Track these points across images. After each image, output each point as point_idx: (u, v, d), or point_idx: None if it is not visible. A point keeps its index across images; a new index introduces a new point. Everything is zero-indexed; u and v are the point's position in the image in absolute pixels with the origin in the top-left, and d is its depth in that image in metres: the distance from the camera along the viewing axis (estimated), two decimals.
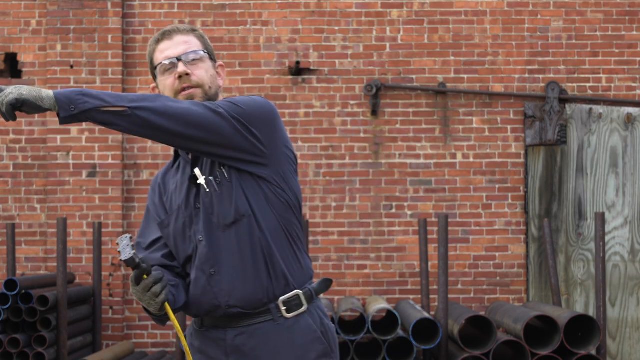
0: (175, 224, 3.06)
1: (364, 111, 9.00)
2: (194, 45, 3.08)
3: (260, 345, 2.99)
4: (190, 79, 3.04)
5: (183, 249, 3.05)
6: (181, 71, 3.03)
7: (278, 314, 3.00)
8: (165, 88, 3.07)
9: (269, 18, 9.02)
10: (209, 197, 3.00)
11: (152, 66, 3.11)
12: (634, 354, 8.90)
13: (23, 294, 7.44)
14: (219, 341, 3.03)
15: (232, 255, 2.98)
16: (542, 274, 8.85)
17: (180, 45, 3.07)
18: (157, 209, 3.14)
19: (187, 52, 3.06)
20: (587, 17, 9.03)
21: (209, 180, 3.00)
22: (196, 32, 3.12)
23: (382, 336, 7.32)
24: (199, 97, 3.04)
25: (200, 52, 3.08)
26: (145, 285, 2.87)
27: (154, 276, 2.88)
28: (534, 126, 8.95)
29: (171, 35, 3.08)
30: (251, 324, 3.00)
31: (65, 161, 8.82)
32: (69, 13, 8.92)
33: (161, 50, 3.08)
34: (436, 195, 8.94)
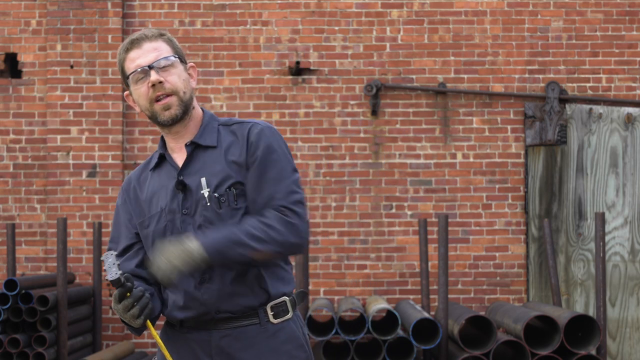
0: (156, 226, 3.06)
1: (364, 111, 9.00)
2: (164, 52, 3.05)
3: (246, 347, 3.00)
4: (164, 86, 3.02)
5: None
6: (154, 80, 3.01)
7: (265, 319, 3.02)
8: (140, 97, 3.05)
9: (269, 18, 9.02)
10: (209, 212, 3.00)
11: (123, 75, 3.09)
12: (634, 354, 8.90)
13: (23, 294, 7.44)
14: (202, 342, 3.02)
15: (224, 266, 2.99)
16: (542, 274, 8.85)
17: (150, 52, 3.04)
18: (133, 210, 3.13)
19: (158, 59, 3.03)
20: (587, 17, 9.03)
21: (213, 196, 3.01)
22: (164, 36, 3.09)
23: (382, 336, 7.32)
24: (175, 106, 3.03)
25: (171, 58, 3.06)
26: (125, 305, 2.89)
27: (134, 296, 2.89)
28: (534, 126, 8.95)
29: (140, 43, 3.05)
30: (237, 326, 3.01)
31: (65, 161, 8.82)
32: (69, 13, 8.92)
33: (131, 59, 3.05)
34: (436, 195, 8.94)
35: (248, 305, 3.00)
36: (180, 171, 3.05)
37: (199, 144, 3.07)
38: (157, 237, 3.04)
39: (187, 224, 3.01)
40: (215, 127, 3.10)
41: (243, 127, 3.08)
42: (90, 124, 8.86)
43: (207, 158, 3.06)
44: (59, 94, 8.87)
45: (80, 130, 8.85)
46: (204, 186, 3.01)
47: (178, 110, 3.04)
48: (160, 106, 3.03)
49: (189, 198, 3.03)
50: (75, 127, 8.85)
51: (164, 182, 3.08)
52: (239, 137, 3.06)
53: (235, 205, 3.00)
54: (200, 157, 3.06)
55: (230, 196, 3.00)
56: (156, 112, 3.03)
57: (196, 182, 3.03)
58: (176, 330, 3.07)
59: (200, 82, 8.97)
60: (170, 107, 3.03)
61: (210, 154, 3.06)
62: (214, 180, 3.02)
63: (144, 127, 8.94)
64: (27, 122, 8.93)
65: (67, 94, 8.88)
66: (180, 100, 3.04)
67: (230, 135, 3.08)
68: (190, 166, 3.06)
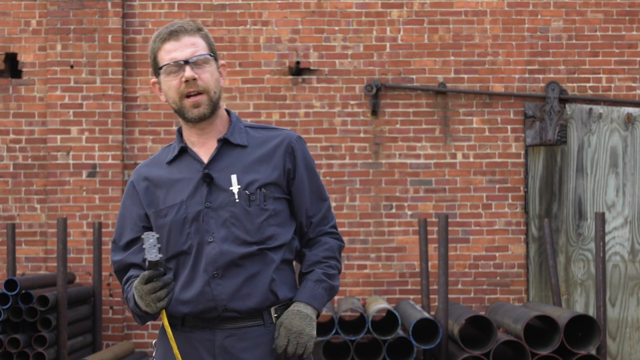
0: (175, 217, 3.05)
1: (364, 111, 9.00)
2: (200, 48, 3.05)
3: (249, 348, 3.01)
4: (197, 83, 3.02)
5: (176, 243, 3.04)
6: (188, 76, 3.01)
7: (269, 320, 3.04)
8: (170, 89, 3.05)
9: (269, 18, 9.02)
10: (237, 209, 3.02)
11: (155, 64, 3.09)
12: (634, 354, 8.90)
13: (23, 294, 7.44)
14: (205, 342, 3.02)
15: (239, 264, 3.01)
16: (542, 274, 8.85)
17: (187, 47, 3.04)
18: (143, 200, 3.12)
19: (195, 55, 3.03)
20: (587, 17, 9.03)
21: (243, 193, 3.03)
22: (202, 31, 3.09)
23: (382, 336, 7.32)
24: (205, 105, 3.04)
25: (207, 56, 3.06)
26: (153, 287, 2.89)
27: (163, 280, 2.90)
28: (534, 126, 8.95)
29: (178, 35, 3.04)
30: (241, 326, 3.02)
31: (65, 161, 8.82)
32: (69, 13, 8.92)
33: (167, 51, 3.04)
34: (436, 195, 8.94)
35: (255, 307, 3.01)
36: (207, 165, 3.06)
37: (230, 141, 3.08)
38: (175, 227, 3.04)
39: (210, 218, 3.02)
40: (242, 128, 3.13)
41: (278, 134, 3.14)
42: (90, 124, 8.86)
43: (237, 156, 3.08)
44: (59, 94, 8.87)
45: (80, 130, 8.85)
46: (234, 183, 3.03)
47: (207, 109, 3.05)
48: (190, 103, 3.03)
49: (214, 192, 3.04)
50: (75, 127, 8.84)
51: (185, 174, 3.08)
52: (273, 143, 3.11)
53: (264, 206, 3.03)
54: (229, 155, 3.08)
55: (260, 196, 3.03)
56: (185, 107, 3.05)
57: (224, 178, 3.04)
58: (178, 330, 3.06)
59: None
60: (200, 105, 3.03)
61: (240, 153, 3.08)
62: (245, 178, 3.04)
63: (144, 127, 8.94)
64: (27, 122, 8.93)
65: (67, 94, 8.88)
66: (210, 99, 3.05)
67: (260, 139, 3.12)
68: (218, 162, 3.07)
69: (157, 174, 3.13)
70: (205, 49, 3.06)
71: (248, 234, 3.01)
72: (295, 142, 3.12)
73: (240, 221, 3.01)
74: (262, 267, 3.02)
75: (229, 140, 3.08)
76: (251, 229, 3.02)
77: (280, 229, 3.06)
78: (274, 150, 3.09)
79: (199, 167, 3.07)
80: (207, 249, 3.01)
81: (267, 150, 3.09)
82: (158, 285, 2.89)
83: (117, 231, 3.17)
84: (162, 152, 3.19)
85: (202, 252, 3.01)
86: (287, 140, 3.12)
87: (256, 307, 3.01)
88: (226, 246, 3.00)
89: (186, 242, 3.03)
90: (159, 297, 2.90)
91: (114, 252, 3.17)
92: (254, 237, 3.02)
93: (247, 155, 3.08)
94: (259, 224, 3.02)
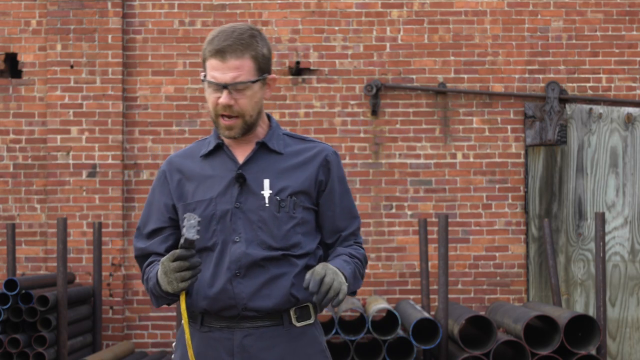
0: (203, 212, 3.04)
1: (364, 111, 9.00)
2: (244, 73, 2.98)
3: (268, 348, 3.01)
4: (232, 108, 3.00)
5: (201, 239, 3.03)
6: (224, 102, 2.98)
7: (288, 321, 3.04)
8: (208, 100, 3.03)
9: (269, 18, 9.02)
10: (266, 213, 3.02)
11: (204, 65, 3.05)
12: (634, 354, 8.90)
13: (23, 294, 7.44)
14: (224, 341, 3.02)
15: (262, 266, 3.01)
16: (542, 274, 8.85)
17: (230, 70, 2.97)
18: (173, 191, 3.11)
19: (235, 81, 2.97)
20: (587, 17, 9.03)
21: (274, 198, 3.04)
22: (252, 51, 2.98)
23: (382, 336, 7.32)
24: (237, 128, 3.02)
25: (249, 82, 2.99)
26: (180, 266, 2.88)
27: (192, 262, 2.89)
28: (534, 126, 8.95)
29: (224, 56, 2.96)
30: (260, 326, 3.02)
31: (65, 161, 8.82)
32: (69, 13, 8.92)
33: (212, 66, 2.99)
34: (436, 195, 8.94)
35: (275, 308, 3.01)
36: (241, 166, 3.06)
37: (267, 145, 3.08)
38: (202, 223, 3.03)
39: (238, 218, 3.02)
40: (281, 135, 3.13)
41: (315, 146, 3.14)
42: (90, 124, 8.86)
43: (272, 161, 3.08)
44: (59, 94, 8.87)
45: (80, 130, 8.85)
46: (266, 187, 3.03)
47: (239, 133, 3.03)
48: (224, 124, 3.02)
49: (245, 194, 3.04)
50: (75, 127, 8.84)
51: (217, 171, 3.08)
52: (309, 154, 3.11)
53: (293, 214, 3.04)
54: (265, 159, 3.08)
55: (290, 203, 3.04)
56: (218, 124, 3.04)
57: (257, 181, 3.04)
58: (197, 330, 3.06)
59: (200, 82, 8.97)
60: (232, 128, 3.02)
61: (275, 159, 3.08)
62: (277, 184, 3.04)
63: (144, 127, 8.94)
64: (27, 122, 8.93)
65: (67, 94, 8.88)
66: (244, 123, 3.03)
67: (297, 148, 3.12)
68: (253, 164, 3.07)
69: (190, 167, 3.12)
70: (250, 72, 2.99)
71: (274, 239, 3.02)
72: (331, 155, 3.12)
73: (268, 226, 3.02)
74: (284, 270, 3.02)
75: (267, 144, 3.08)
76: (277, 234, 3.02)
77: (305, 238, 3.07)
78: (309, 161, 3.10)
79: (232, 167, 3.07)
80: (232, 248, 3.01)
81: (302, 160, 3.10)
82: (185, 265, 2.88)
83: (142, 218, 3.17)
84: (196, 144, 3.18)
85: (227, 250, 3.02)
86: (323, 153, 3.11)
87: (276, 308, 3.01)
88: (251, 248, 3.01)
89: (211, 239, 3.03)
90: (183, 277, 2.89)
91: (137, 238, 3.16)
92: (279, 243, 3.02)
93: (282, 162, 3.08)
94: (286, 231, 3.03)
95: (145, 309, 8.90)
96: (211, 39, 3.00)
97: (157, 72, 8.98)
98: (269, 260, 3.01)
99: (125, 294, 8.89)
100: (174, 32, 8.99)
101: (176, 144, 8.92)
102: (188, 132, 8.93)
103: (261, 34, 3.04)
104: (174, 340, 8.76)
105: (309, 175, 3.08)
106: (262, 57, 3.01)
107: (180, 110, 8.96)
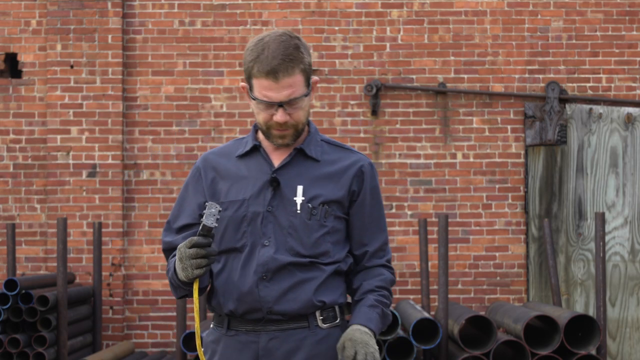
0: (235, 213, 3.04)
1: (364, 111, 9.00)
2: (298, 89, 2.98)
3: (293, 350, 3.01)
4: (287, 123, 3.01)
5: (230, 239, 3.04)
6: (280, 120, 2.99)
7: (314, 323, 3.03)
8: (259, 114, 3.02)
9: (269, 18, 9.02)
10: (297, 220, 3.02)
11: (248, 77, 3.02)
12: (634, 354, 8.90)
13: (23, 294, 7.44)
14: (250, 344, 3.02)
15: (290, 270, 3.01)
16: (542, 274, 8.85)
17: (284, 89, 2.97)
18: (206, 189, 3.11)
19: (290, 98, 2.98)
20: (587, 17, 9.03)
21: (306, 205, 3.03)
22: (300, 64, 2.98)
23: (382, 336, 7.32)
24: (290, 137, 3.04)
25: (303, 97, 3.01)
26: (196, 252, 2.89)
27: (208, 251, 2.90)
28: (534, 126, 8.95)
29: (277, 76, 2.95)
30: (286, 328, 3.01)
31: (65, 161, 8.82)
32: (69, 13, 8.92)
33: (264, 86, 2.97)
34: (436, 195, 8.94)
35: (300, 312, 3.01)
36: (277, 170, 3.06)
37: (304, 152, 3.08)
38: (232, 223, 3.04)
39: (269, 222, 3.02)
40: (319, 141, 3.13)
41: (351, 155, 3.13)
42: (90, 124, 8.86)
43: (307, 168, 3.08)
44: (59, 94, 8.87)
45: (80, 130, 8.85)
46: (299, 194, 3.03)
47: (291, 140, 3.05)
48: (277, 134, 3.03)
49: (277, 198, 3.04)
50: (75, 127, 8.84)
51: (252, 173, 3.08)
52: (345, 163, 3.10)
53: (324, 222, 3.04)
54: (300, 165, 3.08)
55: (321, 212, 3.03)
56: (270, 134, 3.04)
57: (291, 186, 3.04)
58: (224, 335, 3.06)
59: (200, 82, 8.97)
60: (285, 137, 3.04)
61: (311, 165, 3.08)
62: (310, 191, 3.04)
63: (144, 127, 8.94)
64: (27, 122, 8.93)
65: (67, 94, 8.88)
66: (296, 131, 3.05)
67: (333, 156, 3.11)
68: (288, 169, 3.07)
69: (225, 166, 3.12)
70: (301, 86, 3.00)
71: (303, 246, 3.02)
72: (367, 167, 3.11)
73: (298, 232, 3.02)
74: (312, 275, 3.02)
75: (304, 150, 3.08)
76: (307, 242, 3.02)
77: (335, 246, 3.06)
78: (344, 170, 3.09)
79: (267, 170, 3.07)
80: (260, 251, 3.01)
81: (337, 169, 3.09)
82: (201, 253, 2.88)
83: (173, 212, 3.17)
84: (233, 143, 3.17)
85: (255, 253, 3.02)
86: (359, 163, 3.11)
87: (301, 312, 3.01)
88: (279, 254, 3.00)
89: (240, 240, 3.04)
90: (199, 264, 2.89)
91: (166, 232, 3.16)
92: (308, 250, 3.02)
93: (317, 169, 3.08)
94: (316, 239, 3.02)
95: (145, 309, 8.90)
96: (257, 56, 2.98)
97: (157, 72, 8.98)
98: (296, 265, 3.00)
99: (125, 294, 8.89)
100: (174, 32, 8.99)
101: (176, 143, 8.92)
102: (188, 132, 8.93)
103: (301, 40, 3.03)
104: (174, 340, 8.75)
105: (342, 184, 3.07)
106: (308, 66, 3.02)
107: (180, 110, 8.96)
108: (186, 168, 8.90)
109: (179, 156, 8.93)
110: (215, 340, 3.09)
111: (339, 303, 3.08)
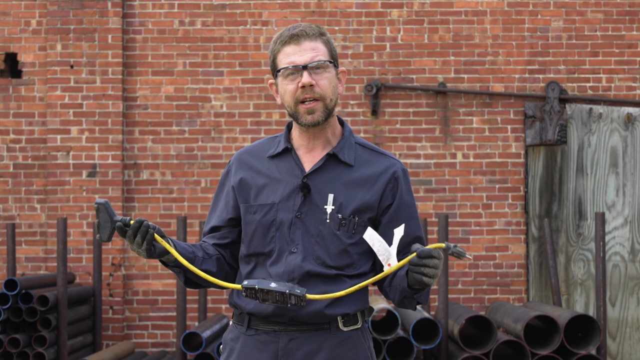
0: (263, 217, 3.02)
1: (364, 111, 9.00)
2: (321, 53, 3.02)
3: (313, 352, 2.99)
4: (314, 89, 2.99)
5: (258, 244, 3.03)
6: (306, 82, 2.97)
7: (334, 325, 3.01)
8: (286, 93, 3.02)
9: (269, 18, 9.02)
10: (326, 229, 2.99)
11: (273, 65, 3.05)
12: (634, 354, 8.90)
13: (23, 294, 7.45)
14: (269, 344, 3.01)
15: (315, 280, 2.98)
16: (542, 274, 8.85)
17: (307, 52, 3.00)
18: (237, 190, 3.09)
19: (314, 60, 3.00)
20: (587, 17, 9.03)
21: (336, 215, 2.99)
22: (324, 36, 3.05)
23: (382, 336, 7.32)
24: (319, 111, 2.99)
25: (327, 62, 3.02)
26: (130, 240, 2.90)
27: (132, 228, 2.89)
28: (534, 126, 8.95)
29: (299, 39, 3.00)
30: (306, 329, 2.99)
31: (65, 161, 8.82)
32: (69, 13, 8.92)
33: (287, 54, 3.01)
34: (436, 195, 8.94)
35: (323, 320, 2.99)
36: (308, 175, 3.02)
37: (337, 157, 3.04)
38: (260, 227, 3.02)
39: (297, 228, 3.00)
40: (353, 144, 3.09)
41: (385, 160, 3.08)
42: (90, 124, 8.86)
43: (340, 174, 3.03)
44: (59, 94, 8.88)
45: (80, 130, 8.85)
46: (330, 202, 2.99)
47: (321, 116, 3.01)
48: (305, 109, 2.99)
49: (307, 204, 3.00)
50: (75, 127, 8.85)
51: (283, 176, 3.04)
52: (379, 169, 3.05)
53: (353, 233, 2.99)
54: (333, 170, 3.04)
55: (351, 223, 2.99)
56: (299, 113, 3.00)
57: (321, 193, 3.00)
58: (243, 333, 3.05)
59: (200, 82, 8.97)
60: (314, 111, 3.00)
61: (343, 171, 3.03)
62: (341, 199, 3.00)
63: (144, 127, 8.94)
64: (27, 122, 8.93)
65: (67, 94, 8.88)
66: (325, 107, 3.01)
67: (368, 160, 3.07)
68: (320, 175, 3.03)
69: (257, 166, 3.09)
70: (325, 54, 3.03)
71: (330, 257, 2.98)
72: (401, 173, 3.06)
73: (326, 242, 2.98)
74: (336, 287, 2.98)
75: (337, 155, 3.04)
76: (334, 252, 2.98)
77: (361, 257, 3.02)
78: (378, 176, 3.04)
79: (298, 174, 3.03)
80: (288, 258, 2.99)
81: (370, 174, 3.04)
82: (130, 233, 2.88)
83: (209, 212, 3.16)
84: (266, 141, 3.14)
85: (282, 259, 2.99)
86: (392, 169, 3.06)
87: (323, 320, 2.99)
88: (307, 262, 2.97)
89: (268, 245, 3.01)
90: (138, 243, 2.88)
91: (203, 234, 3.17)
92: (334, 261, 2.99)
93: (350, 175, 3.03)
94: (342, 250, 2.99)
95: (145, 309, 8.90)
96: (279, 35, 3.04)
97: (157, 72, 8.98)
98: (322, 277, 2.98)
99: (125, 294, 8.89)
100: (174, 32, 8.99)
101: (176, 143, 8.92)
102: (188, 132, 8.94)
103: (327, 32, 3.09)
104: (174, 340, 8.76)
105: (375, 191, 3.02)
106: (333, 47, 3.07)
107: (180, 110, 8.96)
108: (186, 168, 8.90)
109: (179, 156, 8.93)
110: (234, 339, 3.08)
111: (361, 310, 3.05)
